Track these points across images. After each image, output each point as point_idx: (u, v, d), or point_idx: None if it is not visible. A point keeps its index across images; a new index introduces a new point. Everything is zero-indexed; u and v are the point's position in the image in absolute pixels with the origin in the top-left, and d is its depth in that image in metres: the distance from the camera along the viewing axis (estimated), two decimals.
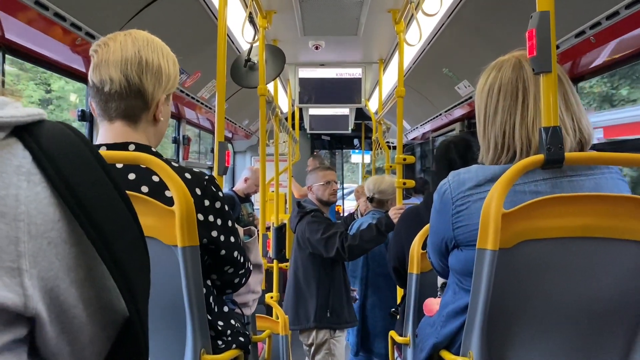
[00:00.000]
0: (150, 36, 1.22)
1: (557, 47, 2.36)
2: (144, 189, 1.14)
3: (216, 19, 2.32)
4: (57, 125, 0.51)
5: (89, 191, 0.48)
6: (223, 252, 1.24)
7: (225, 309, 1.33)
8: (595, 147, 1.19)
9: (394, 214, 2.74)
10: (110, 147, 1.17)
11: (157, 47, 1.20)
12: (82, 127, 2.88)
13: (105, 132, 1.20)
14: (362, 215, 3.90)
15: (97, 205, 0.48)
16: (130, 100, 1.17)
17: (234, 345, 1.27)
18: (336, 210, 5.05)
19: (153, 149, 1.22)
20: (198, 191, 1.19)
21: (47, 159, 0.46)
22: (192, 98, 3.82)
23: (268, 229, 3.29)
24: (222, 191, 1.27)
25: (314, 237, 2.91)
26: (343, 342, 3.13)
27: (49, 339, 0.47)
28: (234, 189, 5.03)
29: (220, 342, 1.24)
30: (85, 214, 0.47)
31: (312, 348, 3.03)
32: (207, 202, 1.20)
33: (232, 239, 1.27)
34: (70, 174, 0.47)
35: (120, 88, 1.15)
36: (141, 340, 0.53)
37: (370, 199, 3.45)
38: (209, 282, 1.27)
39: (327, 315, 2.96)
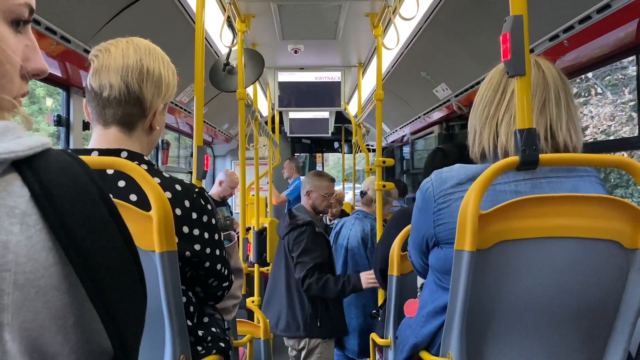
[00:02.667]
0: (152, 45, 1.22)
1: (532, 50, 2.40)
2: (133, 197, 1.14)
3: (194, 22, 2.31)
4: (62, 156, 0.47)
5: (88, 235, 0.45)
6: (207, 264, 1.24)
7: (206, 318, 1.32)
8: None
9: (365, 279, 2.83)
10: (102, 152, 1.16)
11: (158, 57, 1.21)
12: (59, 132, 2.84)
13: (98, 137, 1.19)
14: (330, 220, 3.94)
15: (96, 250, 0.45)
16: (129, 107, 1.17)
17: (214, 351, 1.26)
18: None
19: (145, 157, 1.21)
20: (187, 203, 1.18)
21: (46, 197, 0.43)
22: (171, 102, 3.79)
23: (248, 230, 3.28)
24: (210, 204, 1.27)
25: (292, 252, 2.96)
26: (332, 344, 3.13)
27: None
28: (209, 193, 4.98)
29: (200, 348, 1.23)
30: (83, 260, 0.44)
31: (303, 353, 3.00)
32: (194, 215, 1.20)
33: (217, 252, 1.26)
34: (69, 215, 0.44)
35: (120, 94, 1.15)
36: None
37: (362, 193, 3.48)
38: (190, 293, 1.26)
39: (317, 325, 2.95)
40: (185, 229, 1.18)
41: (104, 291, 0.46)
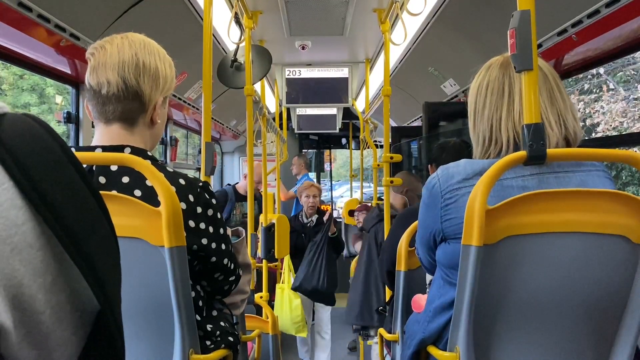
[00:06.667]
0: (147, 39, 1.23)
1: (540, 45, 2.39)
2: (137, 192, 1.14)
3: (202, 19, 2.32)
4: (22, 118, 0.47)
5: (57, 190, 0.45)
6: (213, 259, 1.24)
7: (214, 312, 1.33)
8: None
9: None
10: (106, 149, 1.17)
11: (154, 50, 1.21)
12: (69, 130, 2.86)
13: (101, 135, 1.20)
14: (307, 218, 4.02)
15: (66, 205, 0.45)
16: (128, 103, 1.18)
17: (222, 345, 1.27)
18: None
19: (149, 153, 1.22)
20: (191, 197, 1.19)
21: (9, 156, 0.43)
22: (179, 99, 3.81)
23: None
24: (215, 198, 1.27)
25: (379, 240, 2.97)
26: None
27: (12, 346, 0.43)
28: (236, 185, 4.90)
29: (208, 342, 1.24)
30: (54, 215, 0.44)
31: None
32: (199, 209, 1.20)
33: (223, 247, 1.27)
34: (35, 172, 0.44)
35: (118, 90, 1.16)
36: (115, 334, 0.50)
37: None
38: (198, 287, 1.27)
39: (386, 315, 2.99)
40: (192, 223, 1.19)
41: (80, 245, 0.46)
